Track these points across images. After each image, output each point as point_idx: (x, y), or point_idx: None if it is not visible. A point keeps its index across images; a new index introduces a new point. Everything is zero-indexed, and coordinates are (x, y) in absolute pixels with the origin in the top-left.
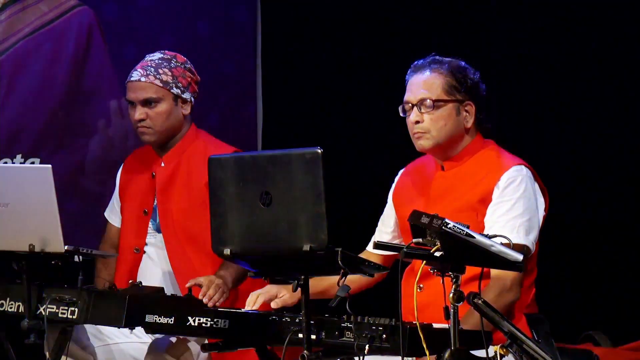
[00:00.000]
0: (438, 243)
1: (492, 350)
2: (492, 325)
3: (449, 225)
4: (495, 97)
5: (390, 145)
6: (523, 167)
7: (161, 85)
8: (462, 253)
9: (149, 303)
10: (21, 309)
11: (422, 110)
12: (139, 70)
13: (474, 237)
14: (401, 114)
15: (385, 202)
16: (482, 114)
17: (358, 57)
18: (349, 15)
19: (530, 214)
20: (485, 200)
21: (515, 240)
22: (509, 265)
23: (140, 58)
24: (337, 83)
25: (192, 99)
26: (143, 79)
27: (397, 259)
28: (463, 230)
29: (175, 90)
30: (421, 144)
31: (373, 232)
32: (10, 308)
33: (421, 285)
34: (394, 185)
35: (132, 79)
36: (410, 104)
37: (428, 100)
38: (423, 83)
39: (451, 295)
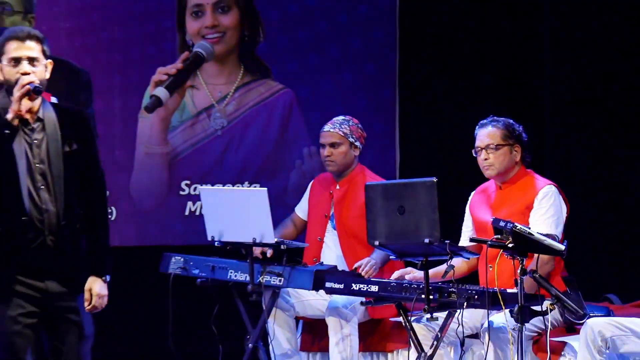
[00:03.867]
0: (510, 238)
1: (544, 306)
2: (545, 290)
3: (517, 227)
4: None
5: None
6: (552, 186)
7: (342, 134)
8: (525, 245)
9: (328, 275)
10: (247, 278)
11: (488, 152)
12: (329, 124)
13: (533, 235)
14: (474, 155)
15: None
16: (525, 152)
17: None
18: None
19: (557, 215)
20: (528, 208)
21: (548, 231)
22: (555, 252)
23: (322, 121)
24: (454, 133)
25: (360, 147)
26: (332, 129)
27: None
28: (526, 230)
29: (351, 139)
30: (489, 173)
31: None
32: (240, 278)
33: (490, 266)
34: (469, 201)
35: (324, 130)
36: (480, 148)
37: (492, 145)
38: (488, 134)
39: (519, 271)
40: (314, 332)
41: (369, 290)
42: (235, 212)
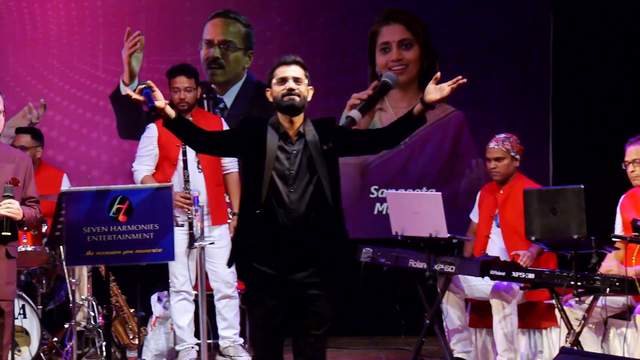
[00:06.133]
0: None
1: None
2: None
3: None
4: None
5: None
6: None
7: (505, 150)
8: None
9: (492, 264)
10: (424, 266)
11: (635, 165)
12: (494, 142)
13: None
14: (623, 167)
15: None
16: None
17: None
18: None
19: None
20: None
21: None
22: None
23: (487, 137)
24: (600, 147)
25: (519, 158)
26: (496, 146)
27: None
28: None
29: (512, 153)
30: (637, 182)
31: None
32: (419, 266)
33: (633, 259)
34: (619, 203)
35: (489, 146)
36: (628, 162)
37: (637, 160)
38: (635, 150)
39: None
40: (480, 312)
41: (526, 277)
42: (415, 212)
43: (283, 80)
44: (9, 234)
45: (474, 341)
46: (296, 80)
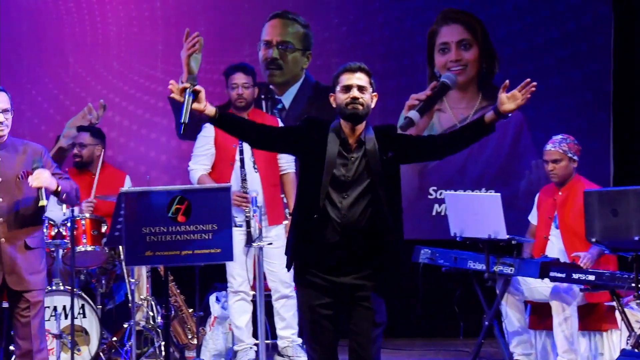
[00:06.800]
0: None
1: None
2: None
3: None
4: None
5: None
6: None
7: (562, 152)
8: None
9: (552, 265)
10: (483, 267)
11: None
12: (550, 144)
13: None
14: None
15: None
16: None
17: None
18: None
19: None
20: None
21: None
22: None
23: (547, 138)
24: None
25: (577, 159)
26: (553, 148)
27: None
28: None
29: (569, 155)
30: None
31: None
32: (478, 267)
33: None
34: None
35: (546, 148)
36: None
37: None
38: None
39: None
40: (539, 314)
41: (586, 278)
42: (474, 213)
43: (347, 89)
44: (46, 202)
45: (534, 343)
46: (360, 88)
